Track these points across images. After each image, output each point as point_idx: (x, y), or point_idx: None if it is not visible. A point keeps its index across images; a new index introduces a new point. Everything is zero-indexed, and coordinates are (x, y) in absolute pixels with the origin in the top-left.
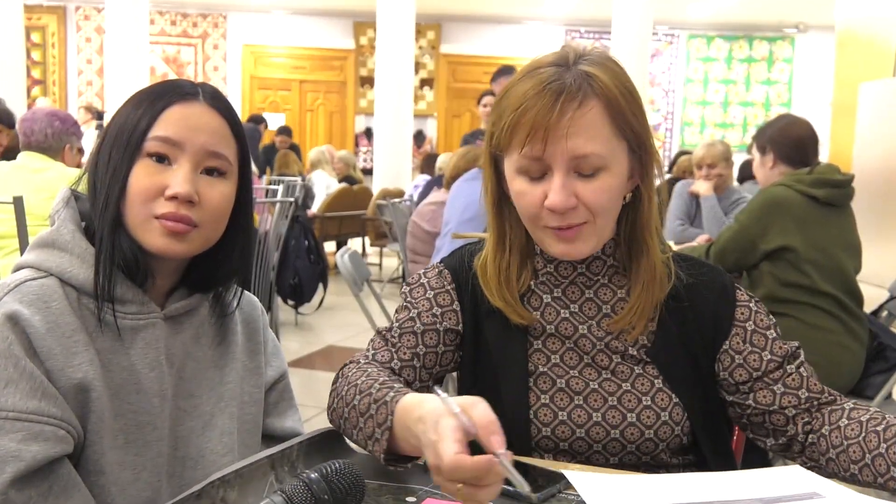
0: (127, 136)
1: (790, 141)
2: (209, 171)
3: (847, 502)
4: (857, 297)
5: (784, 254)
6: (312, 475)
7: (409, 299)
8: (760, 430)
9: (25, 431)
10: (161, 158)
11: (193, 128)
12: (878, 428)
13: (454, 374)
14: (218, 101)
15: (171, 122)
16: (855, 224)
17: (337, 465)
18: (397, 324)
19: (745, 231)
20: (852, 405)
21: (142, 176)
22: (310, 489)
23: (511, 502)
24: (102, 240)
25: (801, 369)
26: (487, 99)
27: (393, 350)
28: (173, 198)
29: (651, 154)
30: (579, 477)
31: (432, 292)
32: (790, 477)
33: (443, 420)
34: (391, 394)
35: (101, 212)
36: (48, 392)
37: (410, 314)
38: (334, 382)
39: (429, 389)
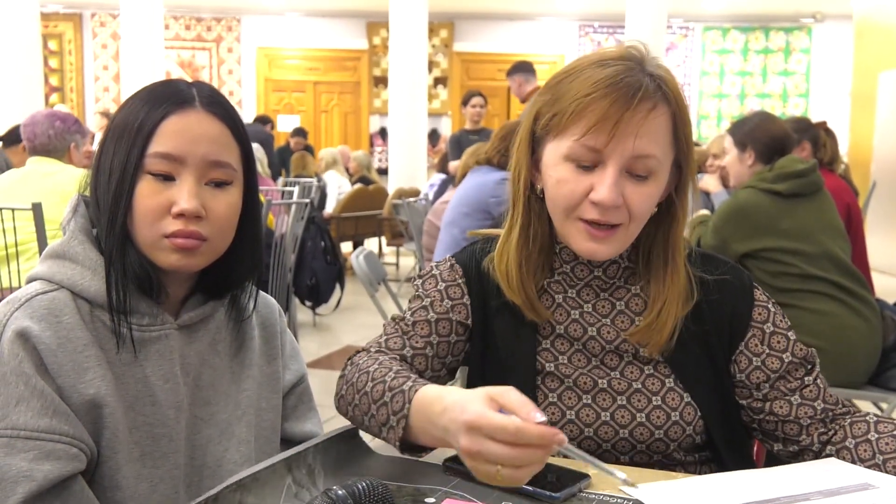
0: (126, 151)
1: (770, 140)
2: (215, 184)
3: None
4: (858, 278)
5: (761, 252)
6: (339, 492)
7: (420, 290)
8: (770, 436)
9: (37, 450)
10: (164, 176)
11: (193, 140)
12: None
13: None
14: (215, 106)
15: (169, 136)
16: (833, 207)
17: (365, 483)
18: (410, 312)
19: (717, 233)
20: (876, 418)
21: (146, 195)
22: None
23: (532, 502)
24: (112, 259)
25: (818, 381)
26: (476, 100)
27: (406, 337)
28: (180, 215)
29: (692, 170)
30: (647, 490)
31: (443, 284)
32: (836, 470)
33: (469, 405)
34: (408, 383)
35: (107, 231)
36: (60, 410)
37: (423, 303)
38: (343, 370)
39: (440, 380)
